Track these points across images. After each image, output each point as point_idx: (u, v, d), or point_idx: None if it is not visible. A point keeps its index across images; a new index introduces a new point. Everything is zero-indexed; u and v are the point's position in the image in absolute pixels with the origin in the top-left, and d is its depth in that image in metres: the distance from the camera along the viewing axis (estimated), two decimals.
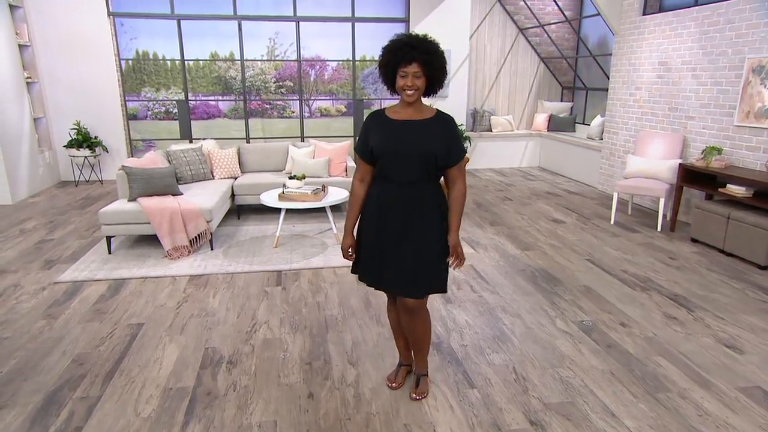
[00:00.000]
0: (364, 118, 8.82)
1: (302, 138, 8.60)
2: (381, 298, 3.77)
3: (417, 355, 2.62)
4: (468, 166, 9.03)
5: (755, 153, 4.78)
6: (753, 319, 3.45)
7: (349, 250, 2.43)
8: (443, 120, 2.27)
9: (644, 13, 6.26)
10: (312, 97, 9.08)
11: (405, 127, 2.23)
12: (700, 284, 4.03)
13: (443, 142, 2.22)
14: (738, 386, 2.70)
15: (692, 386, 2.70)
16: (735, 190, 4.60)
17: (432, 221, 2.30)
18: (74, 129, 7.53)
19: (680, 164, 5.20)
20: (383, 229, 2.31)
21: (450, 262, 2.35)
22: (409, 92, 2.17)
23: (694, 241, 5.00)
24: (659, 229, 5.40)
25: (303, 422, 2.42)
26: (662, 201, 5.33)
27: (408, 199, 2.27)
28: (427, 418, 2.46)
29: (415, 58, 2.11)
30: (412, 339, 2.54)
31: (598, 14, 7.18)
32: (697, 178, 5.14)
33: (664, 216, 5.64)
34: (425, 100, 2.36)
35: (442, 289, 2.40)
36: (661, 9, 6.09)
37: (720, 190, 4.77)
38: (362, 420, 2.44)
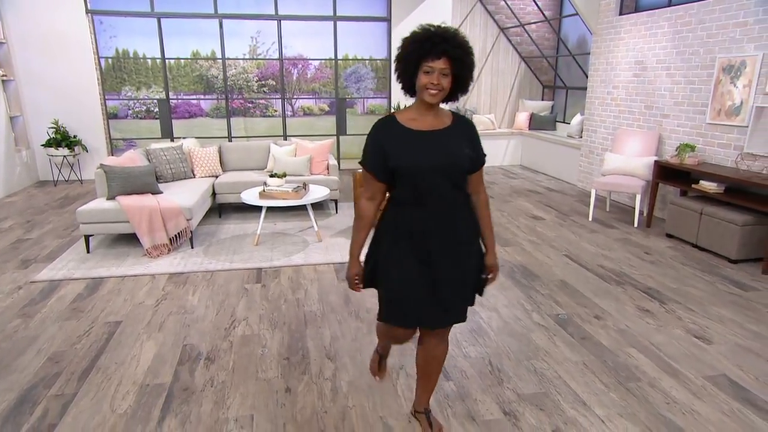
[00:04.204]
0: (347, 116, 8.71)
1: (285, 137, 8.59)
2: (359, 294, 3.79)
3: (432, 389, 2.32)
4: None
5: (726, 150, 4.90)
6: (722, 310, 3.54)
7: (356, 278, 2.08)
8: (464, 123, 1.98)
9: (620, 13, 6.37)
10: (295, 96, 9.07)
11: (430, 138, 1.89)
12: (674, 278, 4.12)
13: (469, 148, 1.94)
14: (705, 375, 2.77)
15: (661, 375, 2.77)
16: (707, 186, 4.71)
17: (470, 242, 2.03)
18: (52, 128, 7.44)
19: (655, 161, 5.31)
20: (420, 262, 1.95)
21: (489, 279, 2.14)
22: (432, 92, 1.82)
23: (669, 236, 5.11)
24: (636, 225, 5.51)
25: (279, 416, 2.44)
26: (638, 197, 5.44)
27: (444, 223, 1.94)
28: (403, 410, 2.49)
29: (446, 52, 1.79)
30: (437, 368, 2.23)
31: (577, 14, 7.29)
32: (671, 175, 5.25)
33: (641, 212, 5.74)
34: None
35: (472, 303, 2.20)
36: (637, 9, 6.21)
37: (693, 186, 4.88)
38: (338, 413, 2.47)
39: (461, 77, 1.86)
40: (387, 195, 2.06)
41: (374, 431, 2.34)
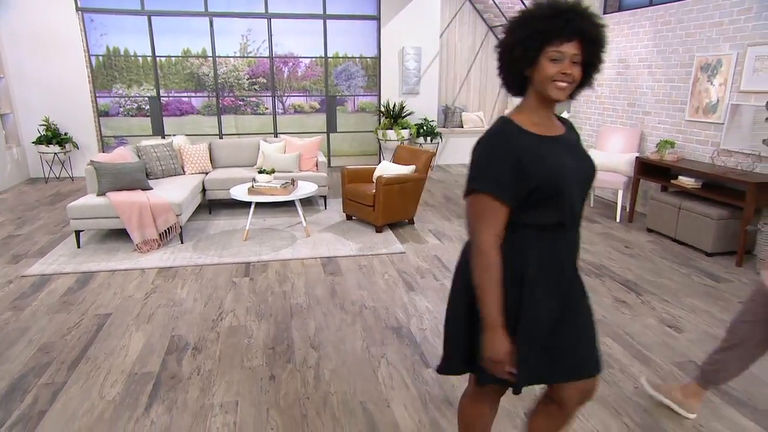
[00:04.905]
0: (337, 114, 8.76)
1: (275, 134, 8.67)
2: (345, 286, 3.89)
3: None
4: (440, 162, 9.20)
5: (704, 146, 5.03)
6: (695, 301, 3.67)
7: (509, 358, 1.49)
8: (570, 124, 1.61)
9: (604, 12, 6.49)
10: (286, 94, 9.13)
11: (564, 146, 1.50)
12: (651, 270, 4.24)
13: None
14: (674, 361, 2.89)
15: (633, 362, 2.88)
16: (685, 181, 4.84)
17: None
18: (43, 125, 7.47)
19: (637, 157, 5.43)
20: (559, 302, 1.55)
21: None
22: (562, 84, 1.40)
23: (650, 230, 5.23)
24: (618, 219, 5.63)
25: (263, 401, 2.53)
26: (620, 193, 5.56)
27: (576, 247, 1.57)
28: (383, 395, 2.59)
29: (583, 31, 1.36)
30: None
31: None
32: (652, 171, 5.37)
33: (623, 207, 5.87)
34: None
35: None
36: (620, 8, 6.33)
37: (672, 181, 5.00)
38: (320, 399, 2.56)
39: (592, 65, 1.43)
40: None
41: (354, 415, 2.44)
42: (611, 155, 5.81)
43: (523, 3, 8.64)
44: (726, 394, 2.58)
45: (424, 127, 8.52)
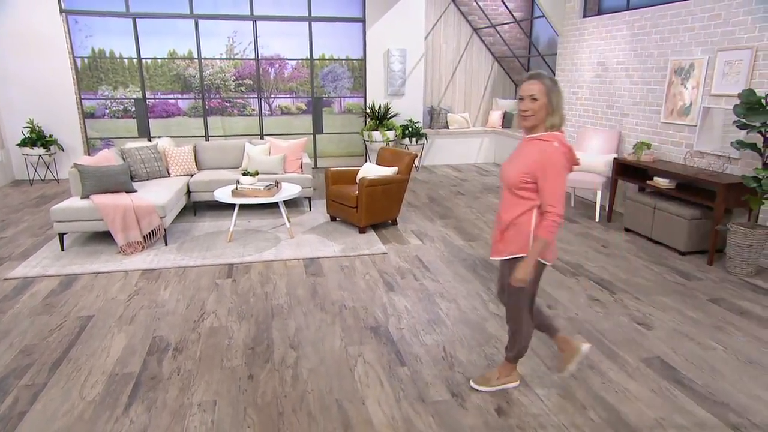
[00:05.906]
0: (323, 115, 8.84)
1: (261, 136, 8.71)
2: (326, 287, 3.96)
3: None
4: (425, 162, 9.29)
5: (678, 147, 5.16)
6: (666, 299, 3.78)
7: None
8: None
9: (584, 16, 6.60)
10: (272, 96, 9.17)
11: None
12: (626, 269, 4.35)
13: None
14: (641, 357, 2.99)
15: (602, 358, 2.98)
16: (660, 182, 4.96)
17: None
18: (28, 127, 7.46)
19: (615, 158, 5.55)
20: None
21: None
22: None
23: (627, 230, 5.35)
24: (597, 219, 5.74)
25: (241, 401, 2.60)
26: (599, 193, 5.68)
27: None
28: (358, 394, 2.66)
29: None
30: None
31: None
32: (629, 172, 5.49)
33: (602, 207, 5.99)
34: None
35: None
36: (600, 12, 6.45)
37: (648, 182, 5.12)
38: (297, 397, 2.63)
39: None
40: None
41: (329, 412, 2.51)
42: (591, 156, 5.92)
43: (506, 6, 8.75)
44: (687, 388, 2.69)
45: (410, 128, 8.60)
